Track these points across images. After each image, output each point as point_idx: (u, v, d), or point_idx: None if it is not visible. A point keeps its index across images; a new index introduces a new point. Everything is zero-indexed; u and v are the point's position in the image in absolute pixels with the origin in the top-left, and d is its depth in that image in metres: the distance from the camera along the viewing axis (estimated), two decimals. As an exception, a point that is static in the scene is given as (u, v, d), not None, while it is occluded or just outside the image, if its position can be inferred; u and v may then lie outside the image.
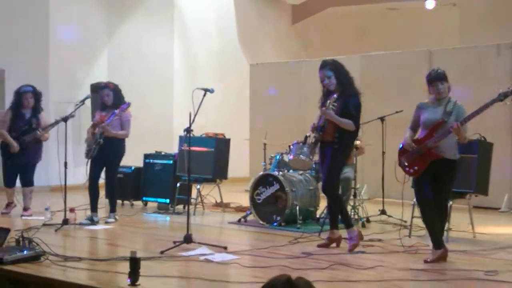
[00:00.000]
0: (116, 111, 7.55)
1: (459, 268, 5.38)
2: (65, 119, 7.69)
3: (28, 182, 8.51)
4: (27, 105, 8.45)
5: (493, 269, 5.25)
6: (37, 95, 8.53)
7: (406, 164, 5.75)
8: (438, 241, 5.63)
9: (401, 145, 5.86)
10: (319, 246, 6.28)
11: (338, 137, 6.12)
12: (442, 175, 5.61)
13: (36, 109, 8.52)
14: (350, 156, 6.88)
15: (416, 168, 5.66)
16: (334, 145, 6.13)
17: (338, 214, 6.35)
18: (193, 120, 6.31)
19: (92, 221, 7.64)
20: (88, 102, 7.93)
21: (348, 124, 6.09)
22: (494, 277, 5.02)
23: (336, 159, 6.19)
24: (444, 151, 5.57)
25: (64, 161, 7.34)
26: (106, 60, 12.83)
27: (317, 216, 7.83)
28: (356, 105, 6.17)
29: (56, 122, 8.09)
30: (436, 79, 5.71)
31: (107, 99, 7.80)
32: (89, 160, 7.64)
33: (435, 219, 5.71)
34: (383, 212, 8.20)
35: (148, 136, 11.78)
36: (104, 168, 7.90)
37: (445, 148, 5.57)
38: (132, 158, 9.54)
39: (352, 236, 6.19)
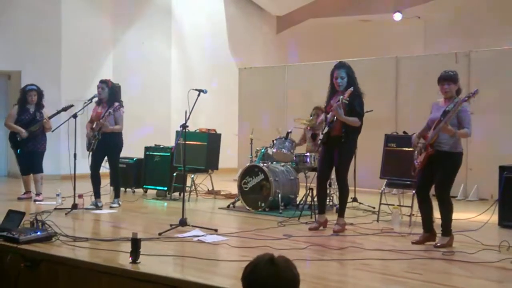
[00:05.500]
0: (111, 110, 7.53)
1: (420, 248, 5.41)
2: (65, 109, 8.23)
3: (37, 168, 8.48)
4: (31, 102, 8.53)
5: (449, 249, 5.32)
6: (40, 93, 8.59)
7: (415, 157, 5.62)
8: (446, 228, 5.47)
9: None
10: (310, 229, 6.28)
11: (345, 132, 6.12)
12: (438, 166, 5.41)
13: (39, 105, 8.57)
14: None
15: (419, 161, 5.54)
16: (341, 139, 6.12)
17: (346, 201, 6.33)
18: (189, 117, 6.31)
19: (96, 206, 7.64)
20: (95, 100, 7.91)
21: (354, 121, 6.10)
22: (450, 257, 5.08)
23: (346, 154, 6.20)
24: (441, 145, 5.40)
25: (73, 152, 7.32)
26: (112, 64, 12.75)
27: (297, 202, 7.85)
28: (361, 103, 6.20)
29: (58, 112, 8.35)
30: (442, 79, 5.52)
31: (100, 91, 7.76)
32: (90, 153, 7.65)
33: (425, 209, 5.60)
34: (354, 199, 8.22)
35: (148, 131, 11.77)
36: (107, 160, 7.89)
37: (442, 142, 5.39)
38: (134, 150, 9.55)
39: (341, 223, 6.24)
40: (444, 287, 4.20)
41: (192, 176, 8.91)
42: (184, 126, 6.43)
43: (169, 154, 9.08)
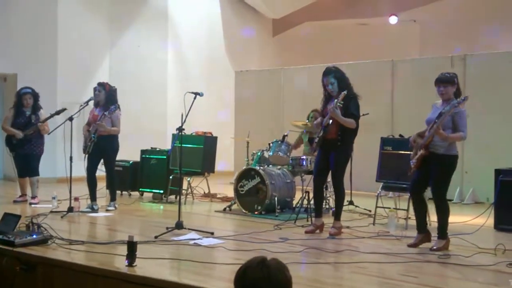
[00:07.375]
0: (106, 112, 7.53)
1: (416, 251, 5.42)
2: (58, 113, 8.17)
3: (33, 171, 8.46)
4: (26, 105, 8.50)
5: (445, 252, 5.33)
6: (35, 96, 8.55)
7: (411, 157, 5.60)
8: (442, 231, 5.47)
9: None
10: (306, 232, 6.29)
11: (341, 135, 6.13)
12: (433, 169, 5.41)
13: (35, 108, 8.53)
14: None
15: (414, 161, 5.53)
16: (338, 142, 6.13)
17: (342, 205, 6.35)
18: (185, 120, 6.31)
19: (92, 209, 7.63)
20: (91, 103, 7.90)
21: (351, 123, 6.10)
22: (445, 260, 5.09)
23: (342, 157, 6.21)
24: (436, 147, 5.39)
25: (69, 155, 7.31)
26: (108, 66, 12.75)
27: (293, 205, 7.85)
28: (357, 106, 6.19)
29: (51, 115, 8.32)
30: (438, 81, 5.50)
31: (97, 94, 7.78)
32: (86, 155, 7.65)
33: (419, 209, 5.62)
34: (351, 202, 8.22)
35: (144, 134, 11.76)
36: (103, 163, 7.88)
37: (437, 144, 5.39)
38: (130, 153, 9.54)
39: (337, 226, 6.26)
40: (440, 290, 4.21)
41: (188, 179, 8.91)
42: (180, 129, 6.44)
43: (165, 157, 9.07)
